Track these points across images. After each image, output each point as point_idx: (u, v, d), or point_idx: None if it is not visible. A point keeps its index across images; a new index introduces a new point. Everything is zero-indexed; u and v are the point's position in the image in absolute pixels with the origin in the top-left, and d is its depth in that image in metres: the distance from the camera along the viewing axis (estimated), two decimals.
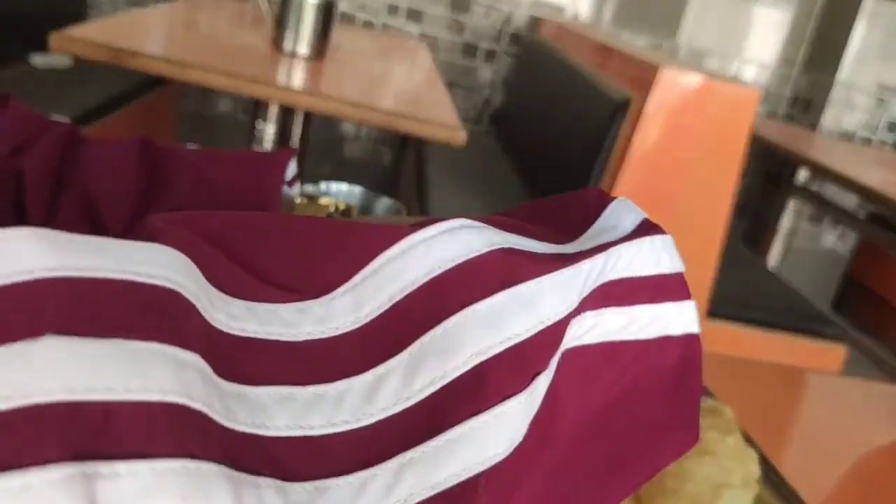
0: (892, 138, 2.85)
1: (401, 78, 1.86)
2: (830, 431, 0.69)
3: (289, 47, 1.53)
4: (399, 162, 2.68)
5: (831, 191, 2.62)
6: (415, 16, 2.68)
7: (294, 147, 0.38)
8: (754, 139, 1.63)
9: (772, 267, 2.59)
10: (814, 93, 2.80)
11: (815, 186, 2.63)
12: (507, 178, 2.13)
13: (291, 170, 0.38)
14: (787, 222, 2.63)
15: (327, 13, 1.54)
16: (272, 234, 0.21)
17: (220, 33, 1.76)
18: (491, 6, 2.69)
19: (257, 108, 1.50)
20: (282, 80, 1.37)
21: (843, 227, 2.91)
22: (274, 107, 1.47)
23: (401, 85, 1.77)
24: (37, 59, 2.03)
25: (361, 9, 2.66)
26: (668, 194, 1.52)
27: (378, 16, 2.67)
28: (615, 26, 2.78)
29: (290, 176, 0.38)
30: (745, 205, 2.82)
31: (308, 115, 1.71)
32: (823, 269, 2.90)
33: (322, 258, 0.21)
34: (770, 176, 2.77)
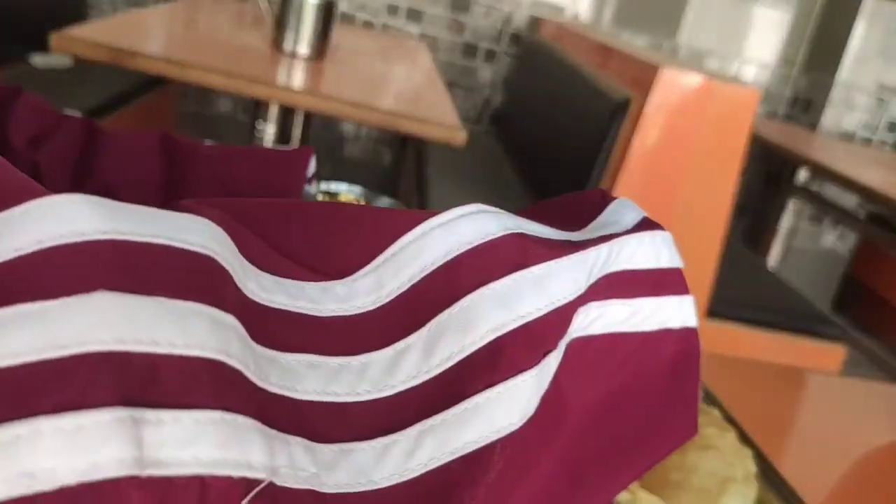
0: (892, 138, 2.85)
1: (401, 78, 1.86)
2: (830, 431, 0.69)
3: (289, 47, 1.53)
4: (399, 162, 2.68)
5: (831, 191, 2.62)
6: (415, 16, 2.69)
7: (312, 145, 0.39)
8: (754, 139, 1.63)
9: (772, 267, 2.59)
10: (814, 93, 2.80)
11: (815, 186, 2.63)
12: (507, 178, 2.13)
13: (311, 167, 0.39)
14: (787, 222, 2.63)
15: (327, 13, 1.54)
16: (298, 218, 0.22)
17: (220, 33, 1.76)
18: (491, 6, 2.69)
19: (257, 108, 1.50)
20: (282, 81, 1.37)
21: (842, 227, 2.91)
22: (274, 107, 1.47)
23: (401, 85, 1.77)
24: (37, 59, 2.03)
25: (361, 9, 2.66)
26: (668, 194, 1.52)
27: (378, 16, 2.68)
28: (615, 26, 2.78)
29: (310, 174, 0.39)
30: (745, 205, 2.82)
31: (308, 115, 1.71)
32: (823, 269, 2.90)
33: (345, 242, 0.22)
34: (770, 176, 2.77)
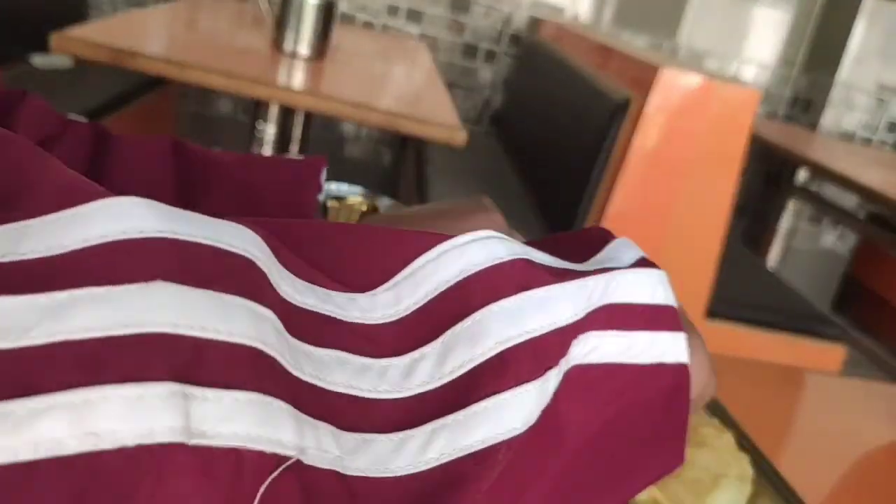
0: (892, 138, 2.85)
1: (401, 78, 1.86)
2: (830, 431, 0.69)
3: (289, 48, 1.53)
4: (399, 162, 2.68)
5: (831, 191, 2.62)
6: (415, 16, 2.69)
7: (323, 155, 0.40)
8: (754, 139, 1.63)
9: (771, 267, 2.59)
10: (814, 93, 2.80)
11: (814, 187, 2.63)
12: (507, 179, 2.13)
13: (323, 176, 0.41)
14: (787, 222, 2.64)
15: (328, 14, 1.54)
16: (326, 237, 0.25)
17: (220, 34, 1.76)
18: (491, 7, 2.70)
19: (258, 108, 1.50)
20: (282, 81, 1.37)
21: (842, 228, 2.91)
22: (274, 107, 1.48)
23: (401, 85, 1.77)
24: (37, 60, 2.03)
25: (362, 9, 2.66)
26: (668, 194, 1.52)
27: (378, 16, 2.68)
28: (615, 27, 2.78)
29: (322, 182, 0.41)
30: (745, 205, 2.83)
31: (308, 115, 1.71)
32: (823, 270, 2.90)
33: (366, 260, 0.25)
34: (770, 176, 2.78)
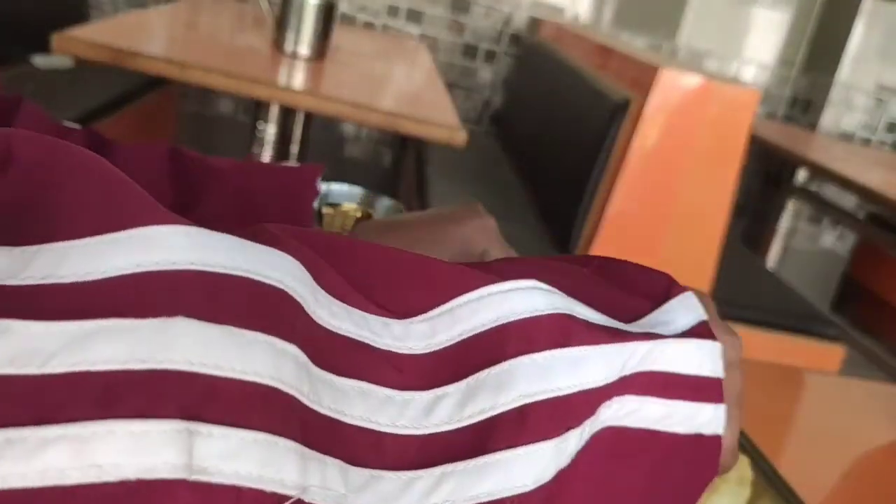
0: (891, 139, 2.86)
1: (401, 79, 1.87)
2: (829, 431, 0.69)
3: (290, 48, 1.53)
4: (399, 162, 2.69)
5: (830, 191, 2.63)
6: (415, 17, 2.69)
7: (322, 158, 0.41)
8: (754, 139, 1.63)
9: (771, 267, 2.60)
10: (813, 93, 2.80)
11: (814, 187, 2.63)
12: (507, 179, 2.13)
13: (319, 183, 0.41)
14: (787, 222, 2.64)
15: (328, 14, 1.55)
16: (368, 258, 0.25)
17: (220, 34, 1.76)
18: (491, 7, 2.70)
19: (258, 108, 1.50)
20: (282, 81, 1.37)
21: (842, 228, 2.91)
22: (275, 107, 1.48)
23: (401, 86, 1.77)
24: (38, 60, 2.04)
25: (362, 10, 2.66)
26: (667, 194, 1.53)
27: (378, 17, 2.68)
28: (615, 27, 2.78)
29: (319, 188, 0.41)
30: (745, 205, 2.83)
31: (309, 115, 1.72)
32: (822, 270, 2.91)
33: (409, 288, 0.25)
34: (769, 176, 2.78)
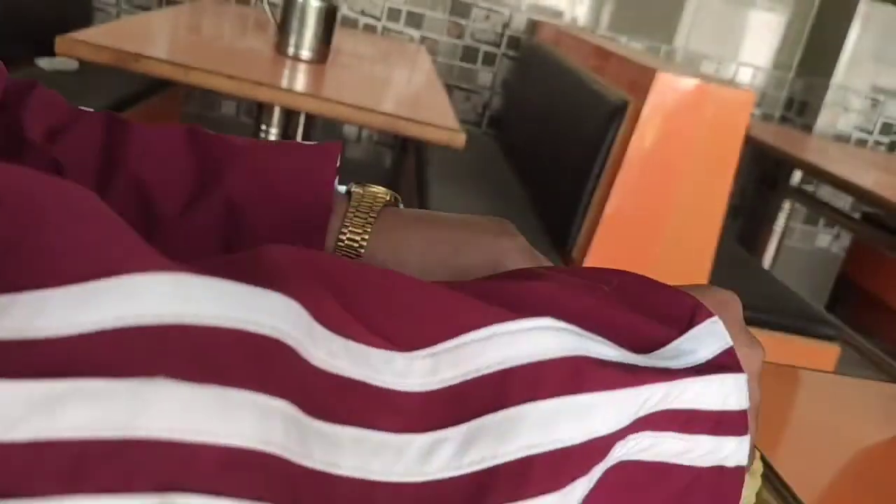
0: (886, 140, 2.87)
1: (401, 81, 1.88)
2: (825, 429, 0.69)
3: (291, 51, 1.54)
4: (399, 164, 2.70)
5: (826, 192, 2.64)
6: (415, 20, 2.71)
7: (339, 142, 0.38)
8: (750, 141, 1.65)
9: (766, 267, 2.61)
10: (809, 95, 2.82)
11: (809, 188, 2.65)
12: (506, 180, 2.15)
13: (338, 163, 0.39)
14: (782, 223, 2.65)
15: (329, 17, 1.56)
16: (375, 285, 0.23)
17: (223, 37, 1.78)
18: (490, 10, 2.71)
19: (260, 110, 1.52)
20: (285, 84, 1.38)
21: (837, 228, 2.93)
22: (277, 110, 1.49)
23: (401, 88, 1.79)
24: (43, 63, 2.05)
25: (363, 13, 2.68)
26: (664, 195, 1.54)
27: (379, 20, 2.69)
28: (612, 30, 2.80)
29: (338, 167, 0.39)
30: (741, 205, 2.84)
31: (310, 117, 1.73)
32: (818, 270, 2.92)
33: (415, 318, 0.23)
34: (765, 177, 2.79)
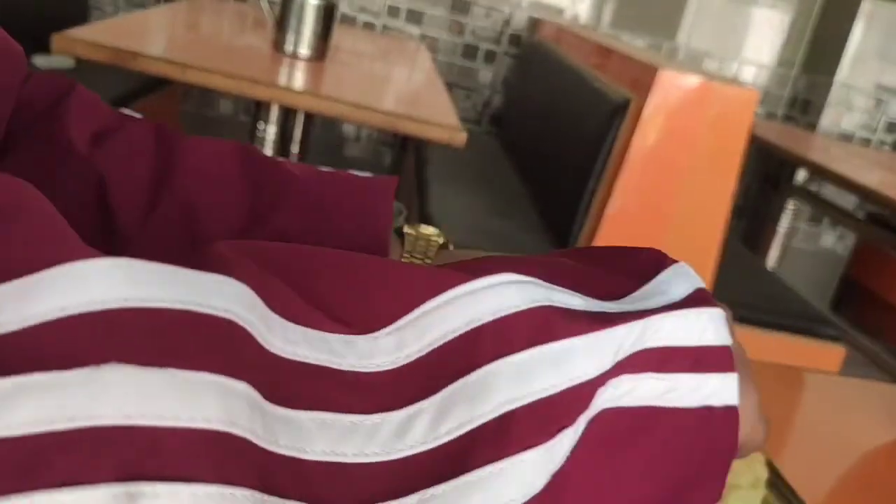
0: (890, 139, 2.86)
1: (401, 79, 1.87)
2: (830, 431, 0.69)
3: (290, 49, 1.53)
4: (399, 162, 2.69)
5: (830, 191, 2.63)
6: (415, 17, 2.69)
7: (395, 177, 0.37)
8: (753, 140, 1.63)
9: (770, 267, 2.60)
10: (812, 94, 2.80)
11: (813, 187, 2.63)
12: (507, 179, 2.13)
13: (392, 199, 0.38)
14: (786, 223, 2.64)
15: (328, 15, 1.55)
16: (329, 269, 0.23)
17: (221, 35, 1.76)
18: (491, 8, 2.70)
19: (258, 109, 1.51)
20: (283, 82, 1.37)
21: (841, 228, 2.91)
22: (275, 108, 1.48)
23: (401, 86, 1.77)
24: (39, 61, 2.04)
25: (362, 10, 2.67)
26: (667, 195, 1.53)
27: (378, 17, 2.68)
28: (614, 28, 2.79)
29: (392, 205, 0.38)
30: (744, 205, 2.83)
31: (309, 116, 1.72)
32: (822, 270, 2.91)
33: (373, 298, 0.22)
34: (769, 176, 2.78)
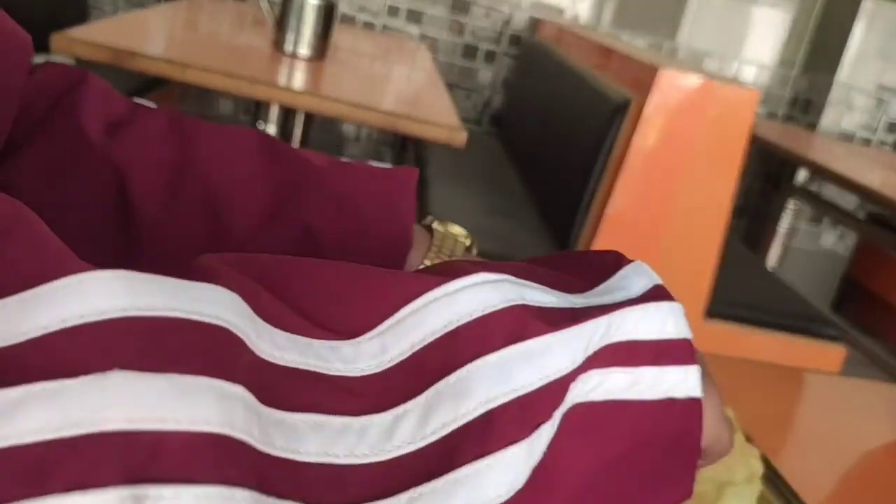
0: (891, 139, 2.86)
1: (401, 79, 1.87)
2: (830, 431, 0.69)
3: (289, 48, 1.53)
4: (399, 162, 2.69)
5: (831, 191, 2.63)
6: (415, 17, 2.69)
7: (415, 168, 0.37)
8: (754, 140, 1.63)
9: (771, 267, 2.60)
10: (813, 93, 2.80)
11: (814, 187, 2.63)
12: (507, 179, 2.13)
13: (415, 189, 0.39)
14: (787, 222, 2.64)
15: (328, 14, 1.55)
16: (310, 278, 0.24)
17: (220, 34, 1.76)
18: (491, 7, 2.70)
19: (258, 109, 1.51)
20: (282, 81, 1.37)
21: (842, 228, 2.91)
22: (275, 108, 1.48)
23: (401, 86, 1.77)
24: (38, 60, 2.03)
25: (362, 10, 2.66)
26: (667, 195, 1.52)
27: (378, 17, 2.68)
28: (615, 28, 2.78)
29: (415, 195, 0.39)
30: (745, 205, 2.83)
31: (309, 115, 1.72)
32: (823, 270, 2.91)
33: (354, 304, 0.23)
34: (769, 176, 2.78)
